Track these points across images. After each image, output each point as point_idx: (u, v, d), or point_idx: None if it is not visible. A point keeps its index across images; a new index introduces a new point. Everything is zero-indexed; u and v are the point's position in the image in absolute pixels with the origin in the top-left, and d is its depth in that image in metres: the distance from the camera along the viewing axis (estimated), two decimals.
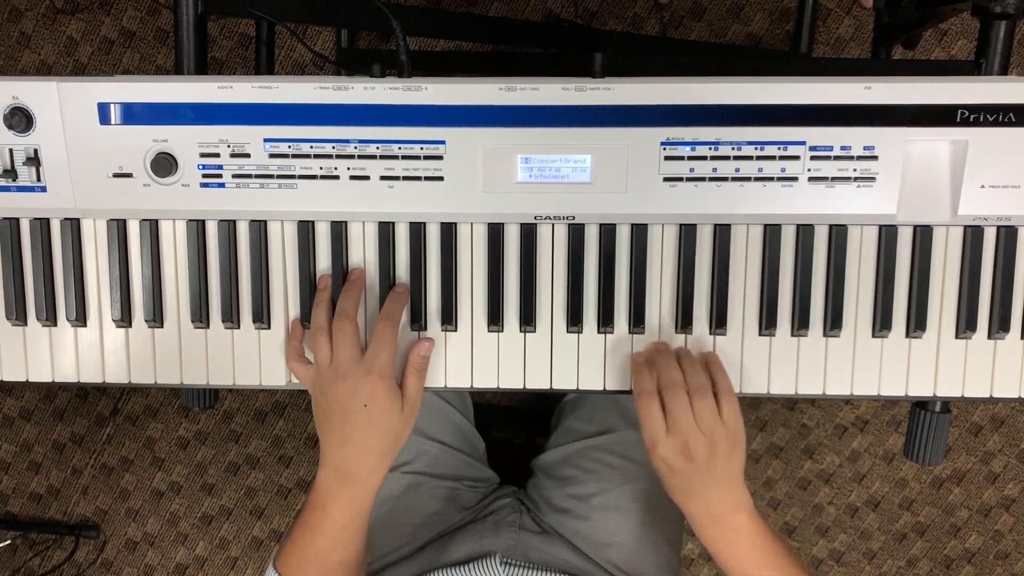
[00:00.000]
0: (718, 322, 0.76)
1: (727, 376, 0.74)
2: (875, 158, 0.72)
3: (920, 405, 0.81)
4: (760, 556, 0.74)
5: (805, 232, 0.75)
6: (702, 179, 0.73)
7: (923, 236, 0.74)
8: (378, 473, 0.74)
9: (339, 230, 0.76)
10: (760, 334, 0.76)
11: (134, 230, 0.77)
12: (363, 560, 0.78)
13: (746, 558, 0.74)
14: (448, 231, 0.76)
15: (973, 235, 0.74)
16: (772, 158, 0.72)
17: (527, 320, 0.77)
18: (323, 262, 0.77)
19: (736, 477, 0.73)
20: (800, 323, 0.76)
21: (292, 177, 0.74)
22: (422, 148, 0.73)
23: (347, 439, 0.72)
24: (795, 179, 0.72)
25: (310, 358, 0.77)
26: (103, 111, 0.73)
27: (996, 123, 0.70)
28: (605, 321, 0.76)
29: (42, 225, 0.77)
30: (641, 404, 0.72)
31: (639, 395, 0.73)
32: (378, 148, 0.73)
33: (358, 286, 0.76)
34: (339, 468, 0.73)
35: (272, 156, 0.73)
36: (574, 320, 0.77)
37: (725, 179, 0.73)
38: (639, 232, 0.75)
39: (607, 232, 0.75)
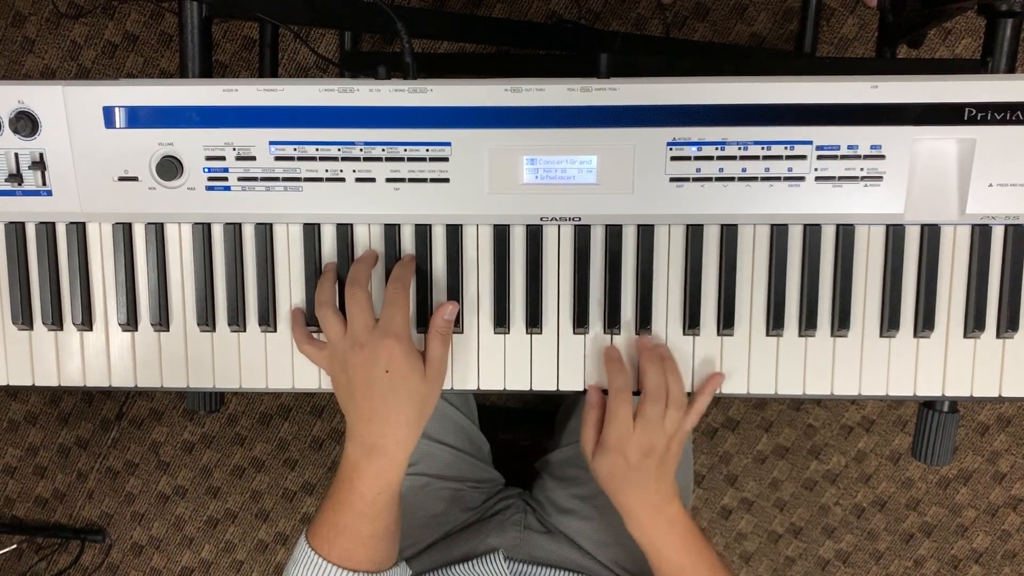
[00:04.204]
0: (725, 323, 0.76)
1: (709, 397, 0.79)
2: (882, 157, 0.72)
3: (928, 405, 0.81)
4: (692, 542, 0.79)
5: (812, 232, 0.74)
6: (708, 179, 0.73)
7: (931, 235, 0.74)
8: (406, 445, 0.73)
9: (345, 232, 0.76)
10: (768, 334, 0.76)
11: (140, 234, 0.77)
12: (395, 534, 0.77)
13: (679, 546, 0.79)
14: (454, 233, 0.76)
15: (981, 234, 0.74)
16: (779, 158, 0.72)
17: (533, 321, 0.76)
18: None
19: (674, 471, 0.79)
20: (808, 323, 0.75)
21: (298, 180, 0.74)
22: (427, 150, 0.73)
23: (373, 412, 0.71)
24: (802, 179, 0.72)
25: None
26: (108, 115, 0.73)
27: (1004, 121, 0.70)
28: (612, 322, 0.76)
29: (48, 229, 0.77)
30: (619, 402, 0.76)
31: (618, 392, 0.76)
32: (384, 150, 0.73)
33: (369, 260, 0.75)
34: (366, 442, 0.72)
35: (277, 159, 0.73)
36: (580, 321, 0.76)
37: (732, 179, 0.72)
38: (645, 233, 0.75)
39: (613, 233, 0.75)
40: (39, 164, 0.74)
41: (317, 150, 0.73)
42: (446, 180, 0.73)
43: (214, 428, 1.73)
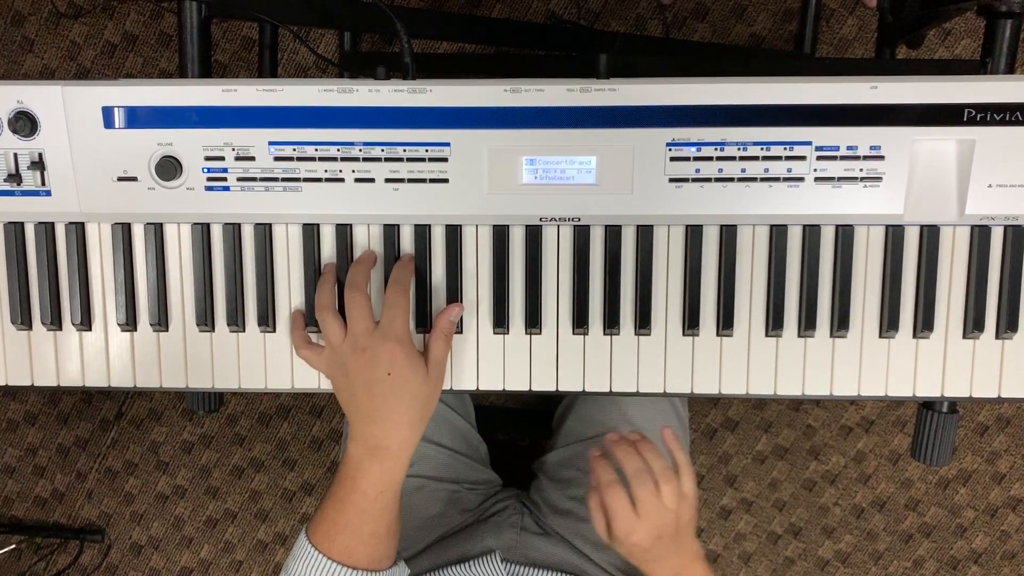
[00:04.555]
0: (725, 323, 0.76)
1: (684, 451, 0.82)
2: (881, 158, 0.72)
3: (927, 405, 0.81)
4: None
5: (812, 232, 0.74)
6: (708, 180, 0.73)
7: (930, 236, 0.74)
8: (409, 445, 0.73)
9: (344, 233, 0.76)
10: (767, 335, 0.76)
11: (139, 234, 0.77)
12: (395, 534, 0.77)
13: None
14: (453, 233, 0.76)
15: (980, 235, 0.74)
16: (778, 158, 0.72)
17: (532, 322, 0.76)
18: None
19: (692, 532, 0.81)
20: (807, 324, 0.75)
21: (297, 180, 0.74)
22: (427, 150, 0.73)
23: (375, 414, 0.72)
24: (801, 179, 0.72)
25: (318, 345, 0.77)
26: (107, 115, 0.73)
27: (1003, 122, 0.70)
28: (611, 323, 0.76)
29: (47, 229, 0.77)
30: (610, 496, 0.78)
31: (607, 487, 0.79)
32: (383, 150, 0.73)
33: (368, 261, 0.75)
34: (368, 443, 0.72)
35: (277, 159, 0.73)
36: (579, 322, 0.76)
37: (731, 180, 0.72)
38: (645, 233, 0.75)
39: (612, 233, 0.75)
40: (38, 164, 0.74)
41: (316, 150, 0.73)
42: (445, 180, 0.73)
43: (213, 428, 1.73)
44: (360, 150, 0.73)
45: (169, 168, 0.73)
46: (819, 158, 0.72)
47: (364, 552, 0.73)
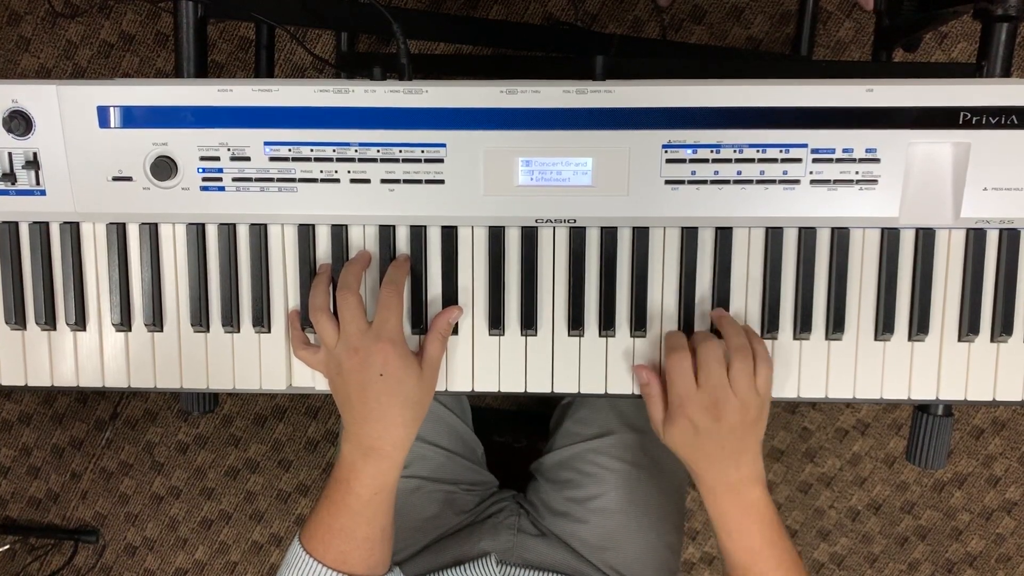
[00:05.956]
0: None
1: (764, 344, 0.74)
2: (877, 160, 0.72)
3: (922, 409, 0.81)
4: (769, 532, 0.74)
5: (807, 235, 0.74)
6: (704, 182, 0.73)
7: (925, 239, 0.74)
8: (403, 445, 0.73)
9: (339, 233, 0.76)
10: (762, 337, 0.76)
11: (134, 234, 0.77)
12: (389, 537, 0.77)
13: (756, 533, 0.73)
14: (449, 234, 0.76)
15: (976, 238, 0.74)
16: (774, 161, 0.72)
17: (528, 324, 0.76)
18: None
19: (757, 448, 0.73)
20: (802, 326, 0.75)
21: (292, 180, 0.73)
22: (423, 151, 0.73)
23: (368, 414, 0.72)
24: (797, 182, 0.72)
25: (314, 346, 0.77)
26: (103, 114, 0.73)
27: (998, 125, 0.70)
28: (606, 325, 0.76)
29: (41, 229, 0.77)
30: (674, 361, 0.71)
31: (672, 350, 0.72)
32: (379, 151, 0.73)
33: (360, 261, 0.75)
34: (362, 443, 0.72)
35: (272, 159, 0.73)
36: (575, 324, 0.76)
37: (727, 182, 0.72)
38: (640, 235, 0.75)
39: (608, 235, 0.75)
40: (33, 164, 0.74)
41: (312, 151, 0.73)
42: (441, 181, 0.73)
43: (208, 429, 1.73)
44: (356, 151, 0.73)
45: (164, 168, 0.73)
46: (815, 160, 0.72)
47: (359, 557, 0.73)
